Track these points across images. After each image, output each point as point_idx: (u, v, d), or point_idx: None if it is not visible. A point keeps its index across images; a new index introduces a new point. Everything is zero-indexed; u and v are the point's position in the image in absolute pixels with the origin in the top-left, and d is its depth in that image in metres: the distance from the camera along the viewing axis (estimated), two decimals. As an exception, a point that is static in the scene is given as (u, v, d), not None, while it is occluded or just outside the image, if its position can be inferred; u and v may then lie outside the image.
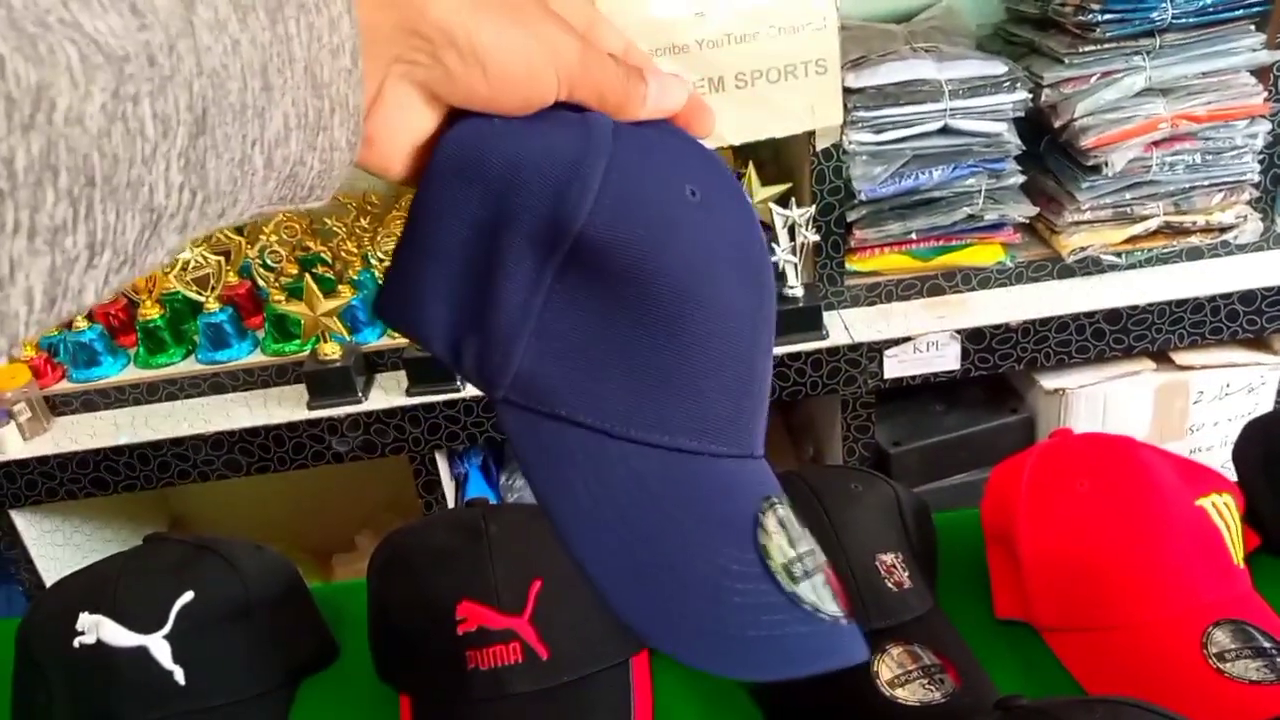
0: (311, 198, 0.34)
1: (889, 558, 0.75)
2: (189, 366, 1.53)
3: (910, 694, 0.67)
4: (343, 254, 1.56)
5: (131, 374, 1.53)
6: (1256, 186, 1.47)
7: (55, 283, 0.24)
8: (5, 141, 0.22)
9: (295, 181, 0.32)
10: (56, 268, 0.24)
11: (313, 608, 0.82)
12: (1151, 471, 0.74)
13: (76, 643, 0.70)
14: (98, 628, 0.70)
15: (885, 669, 0.68)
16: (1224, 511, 0.75)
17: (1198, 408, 1.51)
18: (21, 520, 1.50)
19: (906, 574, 0.75)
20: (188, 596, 0.72)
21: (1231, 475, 0.83)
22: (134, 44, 0.25)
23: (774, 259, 1.41)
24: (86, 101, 0.23)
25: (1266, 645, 0.67)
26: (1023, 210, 1.48)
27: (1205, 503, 0.75)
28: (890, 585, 0.73)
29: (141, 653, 0.69)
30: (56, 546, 1.56)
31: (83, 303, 0.25)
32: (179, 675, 0.70)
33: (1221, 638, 0.68)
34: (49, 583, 1.52)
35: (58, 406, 1.52)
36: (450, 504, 1.52)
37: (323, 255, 1.58)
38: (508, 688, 0.69)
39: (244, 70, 0.28)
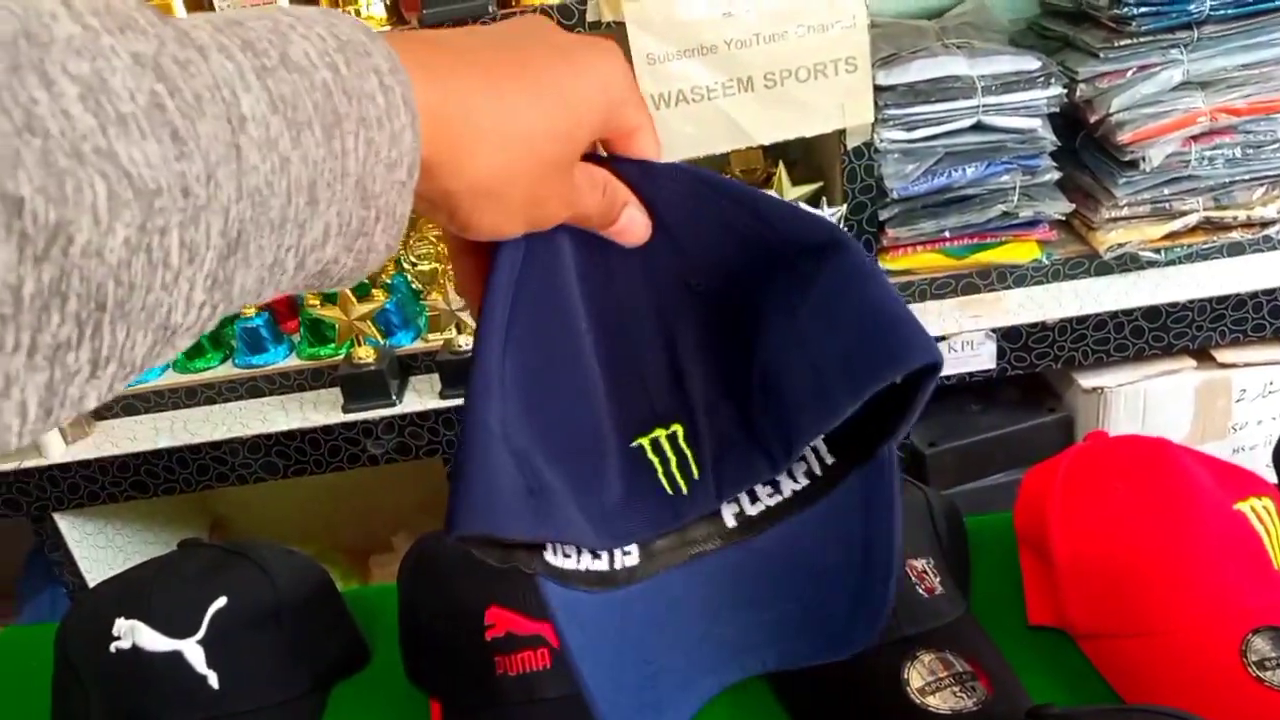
0: (338, 285, 0.34)
1: (920, 563, 0.74)
2: (226, 371, 1.55)
3: (942, 702, 0.66)
4: (376, 258, 1.57)
5: (170, 378, 1.55)
6: (1300, 180, 1.44)
7: (52, 394, 0.24)
8: (15, 271, 0.22)
9: (325, 275, 0.32)
10: (55, 381, 0.23)
11: (344, 612, 0.83)
12: (1188, 475, 0.73)
13: (113, 648, 0.71)
14: (133, 633, 0.71)
15: (916, 676, 0.68)
16: (1264, 515, 0.73)
17: (1240, 406, 1.48)
18: (65, 523, 1.53)
19: (938, 580, 0.74)
20: (221, 602, 0.73)
21: (1273, 476, 0.82)
22: (168, 175, 0.24)
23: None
24: (108, 236, 0.23)
25: (1308, 653, 0.65)
26: (1058, 207, 1.46)
27: (1244, 507, 0.73)
28: (921, 591, 0.72)
29: (176, 657, 0.70)
30: (99, 549, 1.59)
31: (82, 408, 0.25)
32: (213, 680, 0.71)
33: (1261, 645, 0.66)
34: (92, 585, 1.55)
35: (99, 411, 1.54)
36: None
37: (356, 260, 1.59)
38: (536, 693, 0.69)
39: (290, 188, 0.27)
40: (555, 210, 0.39)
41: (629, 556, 0.48)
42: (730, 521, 0.50)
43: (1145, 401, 1.47)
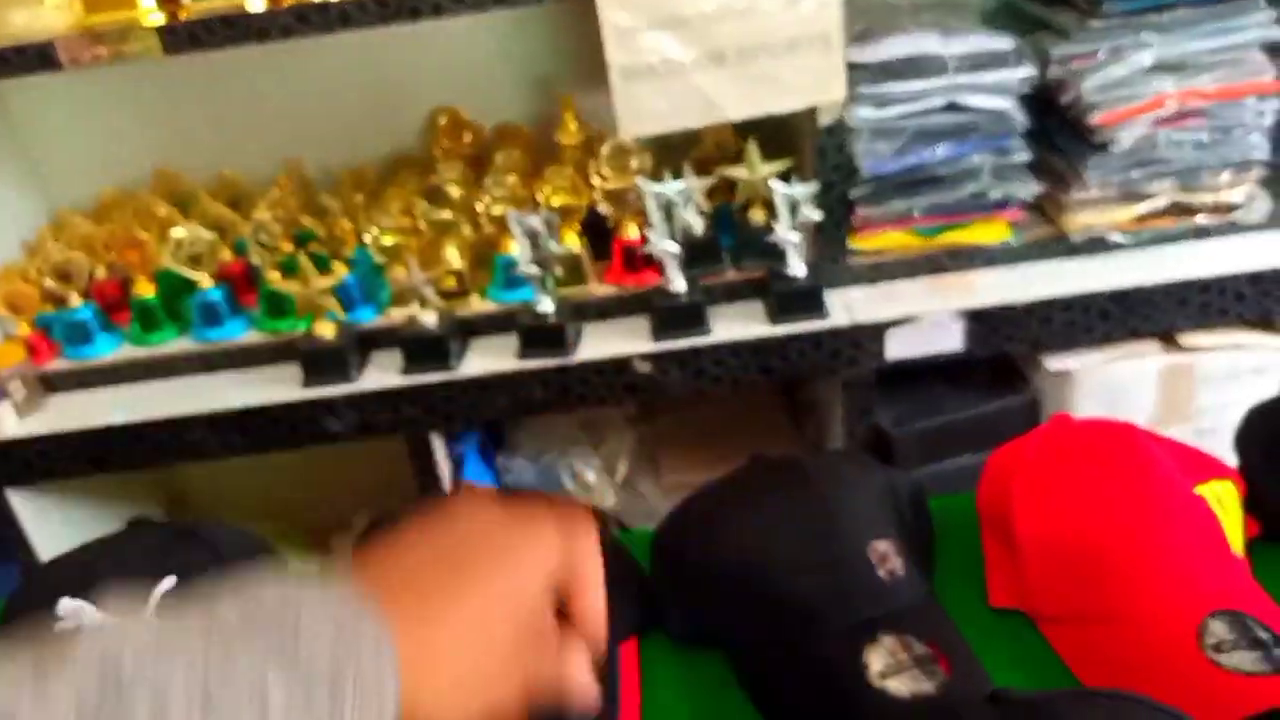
0: None
1: (882, 545, 0.73)
2: (183, 344, 1.52)
3: (901, 685, 0.66)
4: (337, 231, 1.54)
5: (126, 352, 1.52)
6: (1265, 165, 1.44)
7: None
8: None
9: None
10: None
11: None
12: (1150, 458, 0.73)
13: (57, 629, 0.69)
14: (79, 614, 0.69)
15: (876, 659, 0.67)
16: (1224, 499, 0.73)
17: (1204, 390, 1.49)
18: (17, 499, 1.50)
19: (900, 562, 0.73)
20: (169, 582, 0.71)
21: (1234, 460, 0.82)
22: None
23: (774, 238, 1.39)
24: None
25: (1264, 636, 0.65)
26: (1029, 188, 1.45)
27: (1205, 490, 0.73)
28: (882, 574, 0.72)
29: (121, 639, 0.68)
30: (53, 525, 1.56)
31: None
32: (160, 661, 0.69)
33: (1218, 628, 0.66)
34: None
35: (53, 385, 1.51)
36: (446, 485, 1.51)
37: (317, 232, 1.56)
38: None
39: None
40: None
41: None
42: None
43: (1111, 384, 1.48)
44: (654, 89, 1.35)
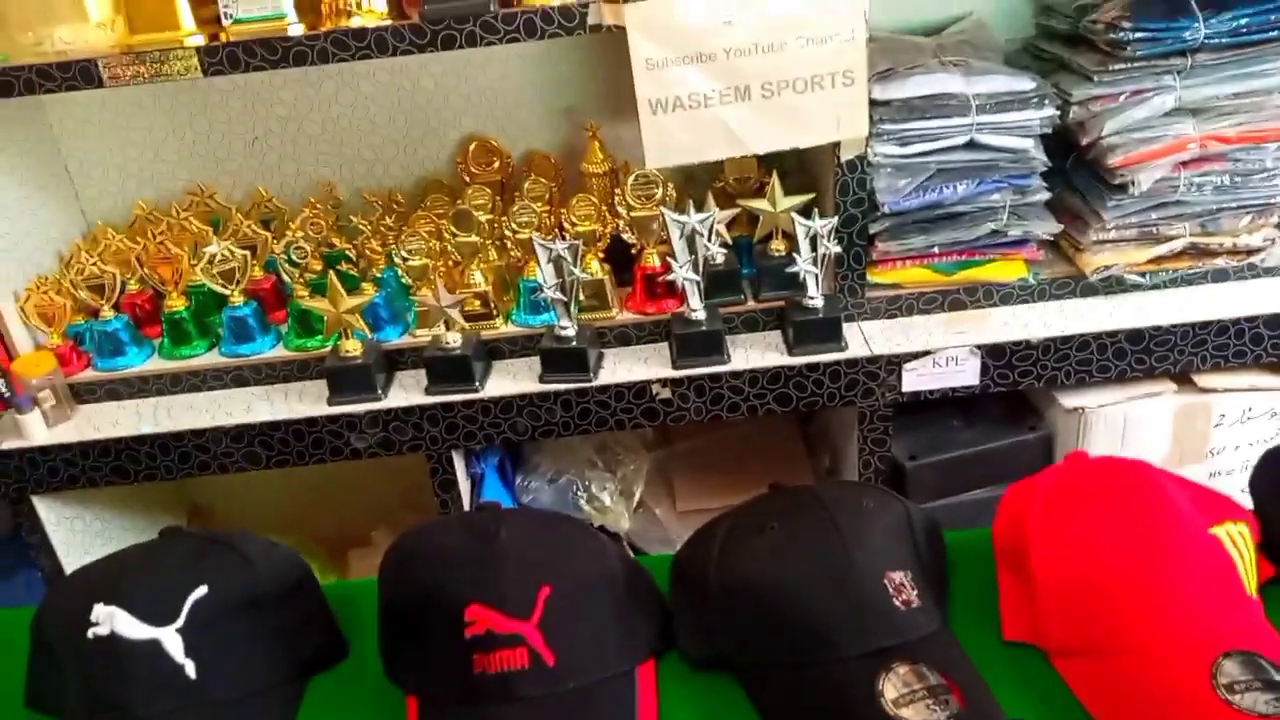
0: None
1: (898, 575, 0.75)
2: (212, 359, 1.54)
3: (914, 714, 0.67)
4: (367, 252, 1.57)
5: (155, 365, 1.55)
6: (1286, 210, 1.46)
7: None
8: None
9: None
10: None
11: (324, 605, 0.83)
12: (1165, 498, 0.74)
13: (91, 633, 0.71)
14: (112, 619, 0.71)
15: (890, 688, 0.68)
16: (1238, 541, 0.74)
17: (1219, 431, 1.50)
18: (43, 506, 1.52)
19: (915, 592, 0.75)
20: (201, 591, 0.73)
21: (1249, 501, 0.83)
22: None
23: (794, 269, 1.41)
24: None
25: (1277, 678, 0.66)
26: (1047, 227, 1.47)
27: (1219, 531, 0.74)
28: (899, 604, 0.73)
29: (154, 645, 0.70)
30: (76, 533, 1.58)
31: None
32: (190, 669, 0.71)
33: (1231, 669, 0.67)
34: (68, 568, 1.54)
35: (82, 395, 1.54)
36: (465, 503, 1.52)
37: (347, 253, 1.59)
38: (513, 692, 0.69)
39: None
40: None
41: None
42: None
43: (1125, 423, 1.49)
44: (680, 122, 1.37)
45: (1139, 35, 1.35)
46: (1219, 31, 1.35)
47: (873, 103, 1.38)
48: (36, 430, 1.47)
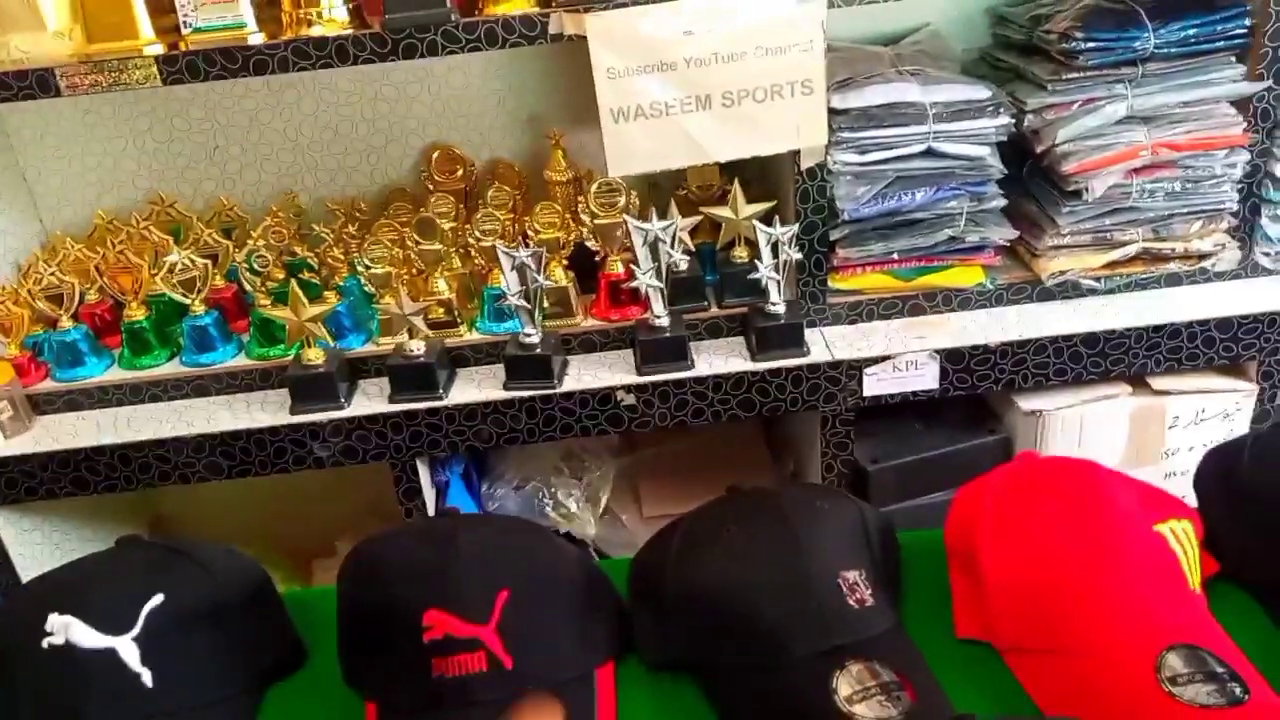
0: None
1: (852, 575, 0.76)
2: (173, 369, 1.53)
3: (868, 710, 0.68)
4: (329, 260, 1.57)
5: (115, 375, 1.53)
6: (1235, 215, 1.49)
7: None
8: None
9: None
10: None
11: (283, 613, 0.83)
12: (1111, 496, 0.76)
13: (45, 643, 0.70)
14: (67, 629, 0.70)
15: (844, 685, 0.69)
16: (1182, 537, 0.76)
17: (1173, 432, 1.52)
18: (0, 518, 1.50)
19: (869, 591, 0.76)
20: (158, 599, 0.72)
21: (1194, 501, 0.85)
22: None
23: (757, 275, 1.43)
24: None
25: (1219, 670, 0.68)
26: (1004, 233, 1.49)
27: (1164, 528, 0.76)
28: (852, 603, 0.74)
29: (110, 654, 0.70)
30: (35, 545, 1.56)
31: None
32: (147, 677, 0.71)
33: (1175, 662, 0.69)
34: (26, 582, 1.52)
35: (40, 405, 1.52)
36: (430, 511, 1.52)
37: (309, 261, 1.58)
38: (472, 695, 0.70)
39: None
40: None
41: None
42: None
43: (1082, 425, 1.51)
44: (642, 130, 1.38)
45: (1091, 45, 1.38)
46: (1168, 41, 1.38)
47: (832, 111, 1.40)
48: (-6, 442, 1.45)
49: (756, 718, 0.71)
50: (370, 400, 1.46)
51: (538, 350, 1.44)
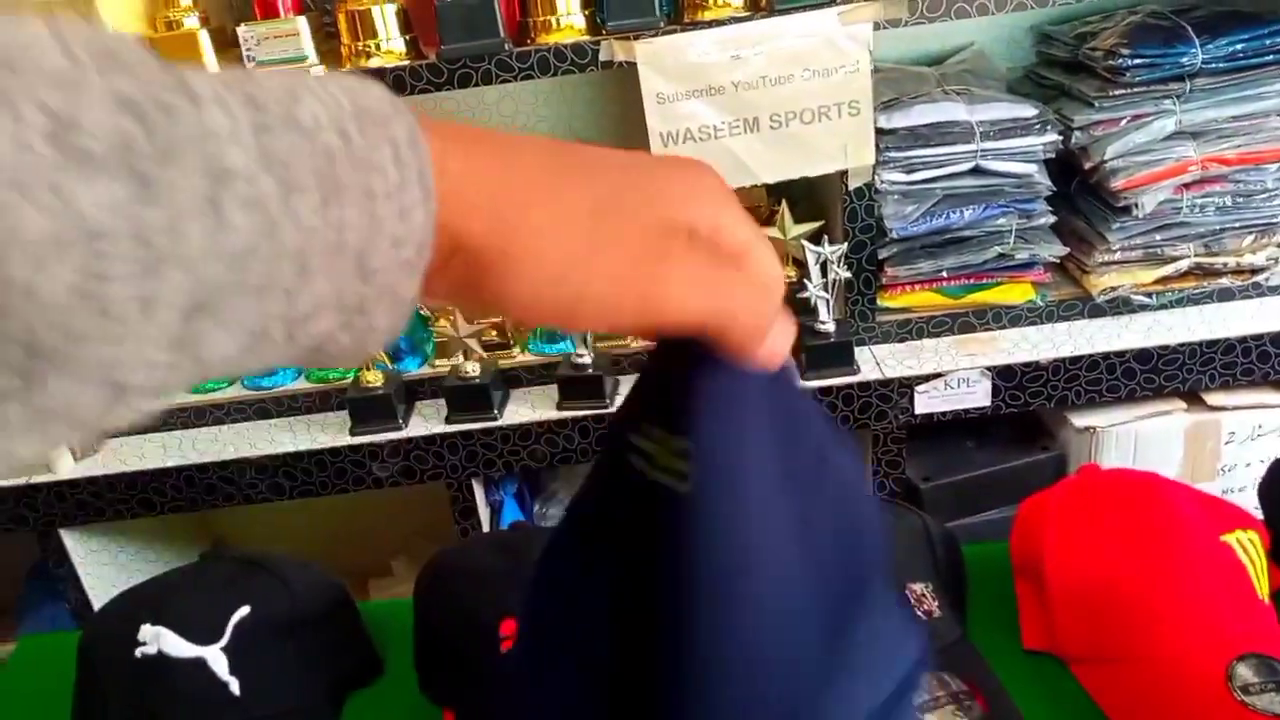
0: (337, 364, 0.31)
1: (919, 587, 0.77)
2: (235, 392, 1.57)
3: (939, 719, 0.69)
4: (386, 285, 1.60)
5: (180, 398, 1.58)
6: (1287, 229, 1.48)
7: None
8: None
9: (319, 352, 0.29)
10: None
11: (359, 624, 0.85)
12: (1177, 507, 0.76)
13: (138, 653, 0.73)
14: (159, 638, 0.73)
15: (915, 695, 0.70)
16: (1249, 547, 0.76)
17: (1229, 448, 1.51)
18: (70, 539, 1.55)
19: (936, 603, 0.77)
20: (244, 610, 0.75)
21: (1259, 513, 0.85)
22: (124, 221, 0.22)
23: (806, 294, 1.44)
24: (45, 277, 0.21)
25: (1291, 679, 0.68)
26: (1053, 250, 1.50)
27: (1230, 539, 0.76)
28: (920, 613, 0.75)
29: (200, 664, 0.73)
30: (102, 565, 1.60)
31: (21, 460, 0.24)
32: (234, 686, 0.73)
33: (1245, 672, 0.69)
34: (95, 602, 1.57)
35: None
36: (485, 530, 1.54)
37: (366, 286, 1.62)
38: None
39: (276, 254, 0.25)
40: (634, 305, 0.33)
41: None
42: None
43: (1136, 442, 1.51)
44: (690, 153, 1.41)
45: (1137, 62, 1.39)
46: (1216, 57, 1.38)
47: (879, 131, 1.42)
48: (64, 464, 1.49)
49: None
50: (427, 421, 1.49)
51: (590, 370, 1.46)
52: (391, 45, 1.40)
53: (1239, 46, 1.38)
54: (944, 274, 1.50)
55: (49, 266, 0.21)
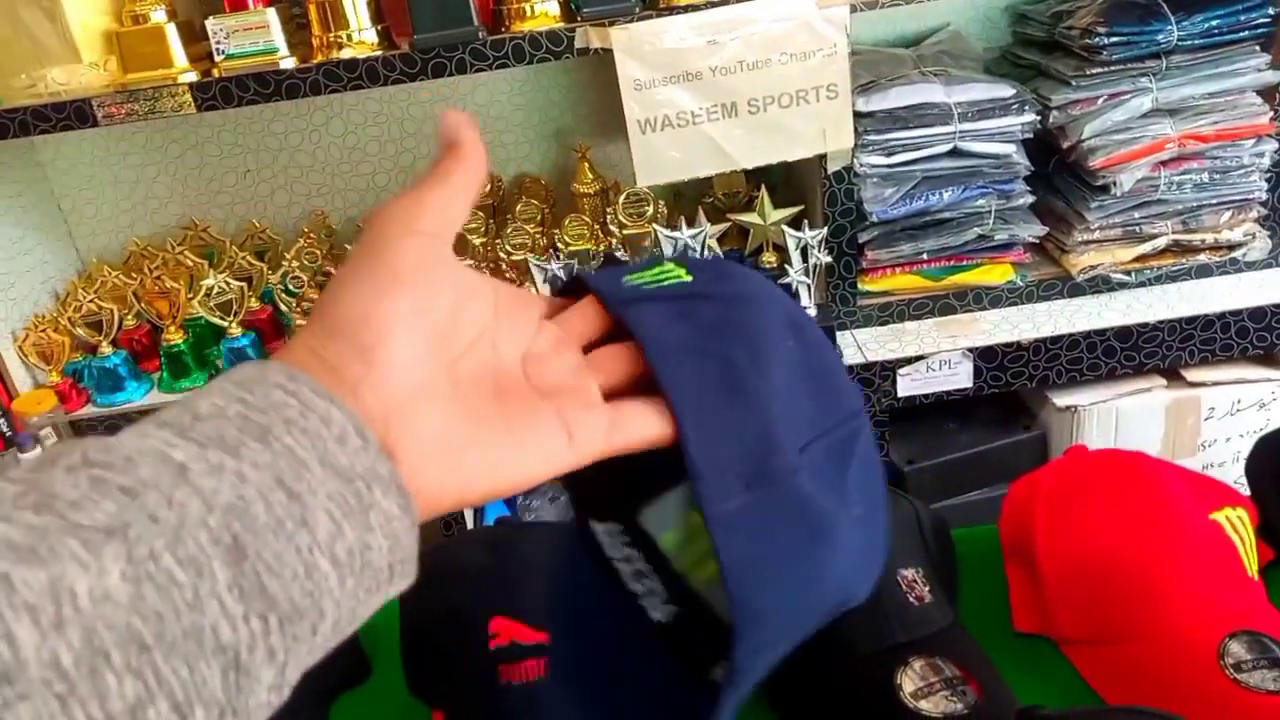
0: (397, 578, 0.33)
1: (910, 572, 0.76)
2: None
3: (933, 706, 0.68)
4: (363, 279, 1.58)
5: (156, 398, 1.55)
6: (1264, 205, 1.49)
7: None
8: (45, 647, 0.23)
9: (372, 569, 0.31)
10: None
11: (345, 626, 0.84)
12: (1166, 486, 0.76)
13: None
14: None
15: (908, 681, 0.70)
16: (1238, 525, 0.76)
17: (1209, 424, 1.52)
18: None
19: (927, 588, 0.76)
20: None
21: (1244, 490, 0.85)
22: (132, 514, 0.26)
23: (787, 280, 1.43)
24: (104, 577, 0.24)
25: (1283, 656, 0.68)
26: (1032, 230, 1.50)
27: (1219, 516, 0.76)
28: (912, 600, 0.75)
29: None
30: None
31: None
32: (219, 692, 0.72)
33: (1237, 649, 0.69)
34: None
35: (83, 431, 1.54)
36: (469, 527, 1.53)
37: (343, 280, 1.60)
38: (539, 702, 0.70)
39: (260, 492, 0.28)
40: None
41: (656, 612, 0.50)
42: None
43: (1117, 419, 1.51)
44: (669, 140, 1.40)
45: (1114, 40, 1.39)
46: (1191, 33, 1.38)
47: (857, 115, 1.41)
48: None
49: (821, 714, 0.72)
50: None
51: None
52: (363, 36, 1.38)
53: (1214, 23, 1.38)
54: (924, 256, 1.50)
55: (105, 567, 0.25)
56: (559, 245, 1.57)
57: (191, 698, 0.25)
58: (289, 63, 1.38)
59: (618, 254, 1.56)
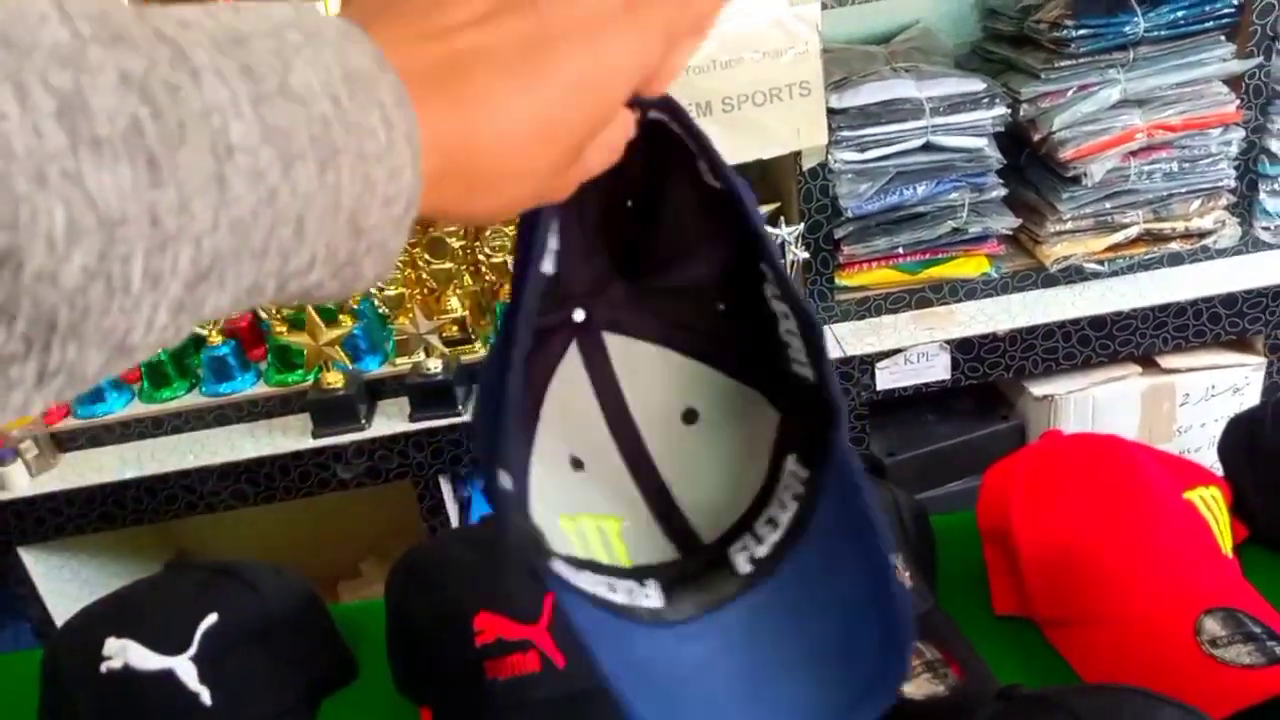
0: (318, 302, 0.32)
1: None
2: (193, 400, 1.55)
3: (916, 689, 0.69)
4: (342, 284, 1.58)
5: (136, 409, 1.55)
6: (1233, 192, 1.51)
7: None
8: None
9: (306, 296, 0.30)
10: None
11: (332, 627, 0.84)
12: (1140, 467, 0.77)
13: (104, 667, 0.72)
14: (124, 651, 0.71)
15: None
16: (1211, 504, 0.78)
17: (1184, 410, 1.54)
18: (29, 557, 1.51)
19: (907, 574, 0.77)
20: (211, 618, 0.74)
21: (1219, 471, 0.86)
22: (137, 204, 0.23)
23: (766, 277, 1.44)
24: (63, 264, 0.22)
25: (1257, 630, 0.69)
26: (1006, 222, 1.51)
27: (1193, 496, 0.77)
28: (892, 585, 0.76)
29: (168, 675, 0.71)
30: (64, 582, 1.57)
31: (24, 413, 0.24)
32: (205, 696, 0.72)
33: (1213, 625, 0.70)
34: (57, 619, 1.54)
35: (64, 443, 1.53)
36: (455, 527, 1.53)
37: (322, 286, 1.60)
38: (526, 696, 0.71)
39: (275, 220, 0.26)
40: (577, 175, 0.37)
41: (649, 597, 0.46)
42: (744, 567, 0.48)
43: (1094, 407, 1.53)
44: (645, 138, 1.40)
45: (1082, 32, 1.40)
46: (1158, 25, 1.40)
47: (830, 111, 1.42)
48: (19, 481, 1.46)
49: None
50: (391, 420, 1.48)
51: (553, 362, 1.45)
52: None
53: (1180, 14, 1.40)
54: (900, 250, 1.52)
55: (70, 254, 0.22)
56: (537, 247, 1.57)
57: (61, 370, 0.24)
58: None
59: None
